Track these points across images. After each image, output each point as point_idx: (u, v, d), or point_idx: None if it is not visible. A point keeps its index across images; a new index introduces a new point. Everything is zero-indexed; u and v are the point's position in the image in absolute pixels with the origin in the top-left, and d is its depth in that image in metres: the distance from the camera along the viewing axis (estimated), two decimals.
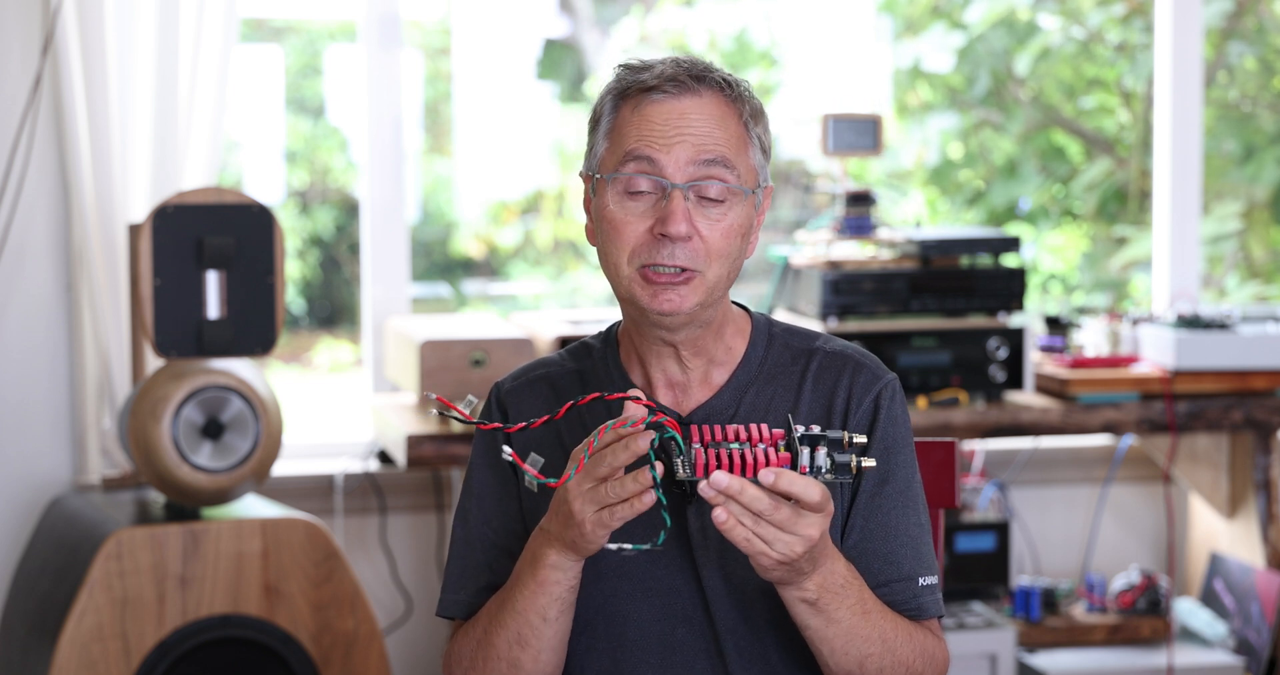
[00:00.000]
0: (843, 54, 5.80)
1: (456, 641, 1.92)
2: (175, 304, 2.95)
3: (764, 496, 1.67)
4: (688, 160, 1.83)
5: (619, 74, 1.88)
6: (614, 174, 1.85)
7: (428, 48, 6.83)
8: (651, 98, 1.84)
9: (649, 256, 1.83)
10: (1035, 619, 3.69)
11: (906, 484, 1.92)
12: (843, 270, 3.49)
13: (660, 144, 1.83)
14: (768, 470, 1.66)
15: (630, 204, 1.84)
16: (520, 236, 6.89)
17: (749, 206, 1.87)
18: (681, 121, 1.83)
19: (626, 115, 1.86)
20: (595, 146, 1.89)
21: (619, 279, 1.86)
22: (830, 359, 1.94)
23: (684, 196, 1.82)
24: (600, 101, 1.90)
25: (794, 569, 1.72)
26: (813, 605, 1.77)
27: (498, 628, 1.84)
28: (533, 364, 2.00)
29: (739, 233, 1.85)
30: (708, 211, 1.83)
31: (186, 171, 3.36)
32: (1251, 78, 5.63)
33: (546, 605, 1.81)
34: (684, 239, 1.82)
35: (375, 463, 3.62)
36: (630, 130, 1.85)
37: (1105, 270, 5.61)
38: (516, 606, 1.82)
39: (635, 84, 1.86)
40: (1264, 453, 3.71)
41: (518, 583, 1.82)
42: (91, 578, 2.86)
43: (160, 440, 2.91)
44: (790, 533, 1.68)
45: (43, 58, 3.30)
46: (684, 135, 1.83)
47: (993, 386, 3.51)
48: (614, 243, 1.85)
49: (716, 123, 1.84)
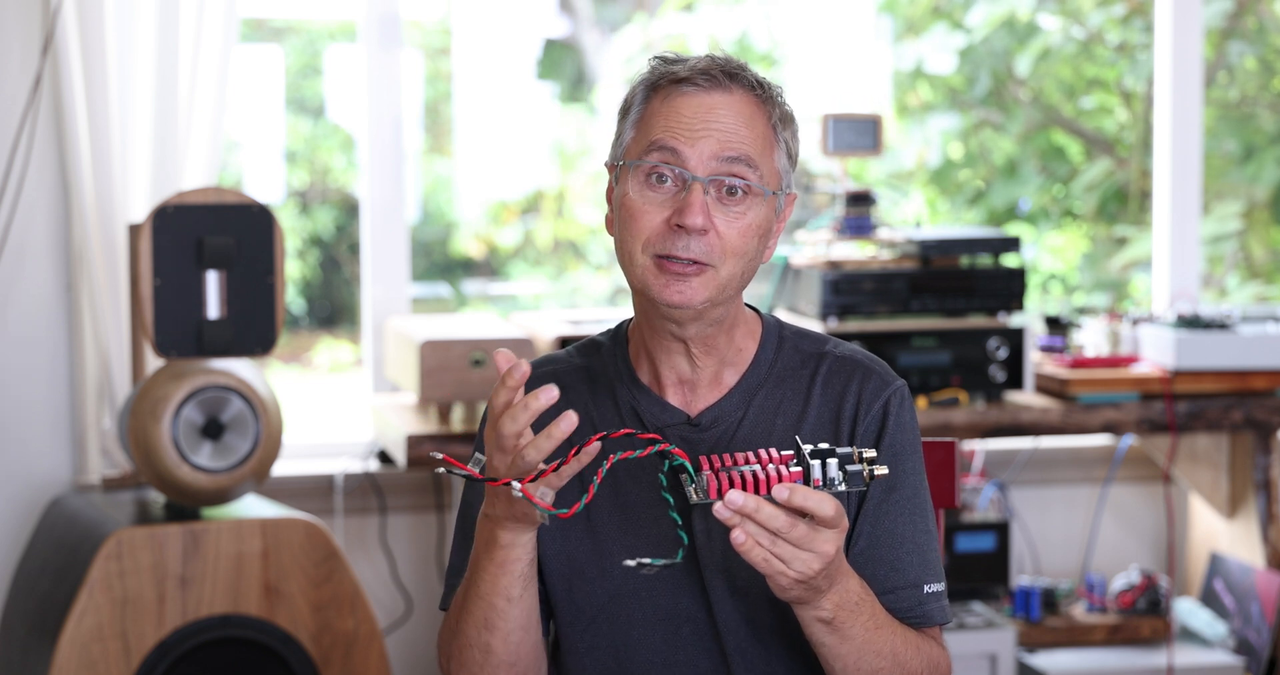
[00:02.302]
0: (843, 54, 5.80)
1: (439, 634, 1.93)
2: (175, 304, 2.95)
3: (780, 514, 1.66)
4: (711, 155, 1.82)
5: (653, 65, 1.89)
6: (637, 161, 1.84)
7: (428, 48, 6.84)
8: (682, 89, 1.84)
9: (664, 246, 1.82)
10: (1035, 619, 3.69)
11: (914, 491, 1.91)
12: (843, 270, 3.49)
13: (685, 136, 1.83)
14: (782, 486, 1.65)
15: (650, 193, 1.84)
16: (520, 236, 6.89)
17: (769, 208, 1.86)
18: (710, 116, 1.83)
19: (656, 105, 1.86)
20: (623, 135, 1.89)
21: (632, 267, 1.85)
22: (840, 363, 1.93)
23: (704, 190, 1.82)
24: (631, 91, 1.90)
25: (811, 587, 1.71)
26: (829, 624, 1.77)
27: (465, 616, 1.84)
28: (539, 360, 2.00)
29: (756, 233, 1.85)
30: (727, 208, 1.83)
31: (186, 171, 3.36)
32: (1251, 78, 5.63)
33: (509, 585, 1.81)
34: (700, 232, 1.81)
35: (375, 463, 3.62)
36: (658, 120, 1.85)
37: (1105, 270, 5.61)
38: (480, 591, 1.82)
39: (668, 75, 1.86)
40: (1264, 453, 3.71)
41: (477, 569, 1.82)
42: (91, 578, 2.86)
43: (160, 440, 2.91)
44: (807, 550, 1.67)
45: (43, 58, 3.30)
46: (710, 129, 1.83)
47: (993, 386, 3.51)
48: (630, 230, 1.84)
49: (744, 121, 1.84)
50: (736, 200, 1.83)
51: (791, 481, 1.67)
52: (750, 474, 1.68)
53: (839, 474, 1.69)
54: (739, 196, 1.83)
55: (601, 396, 1.94)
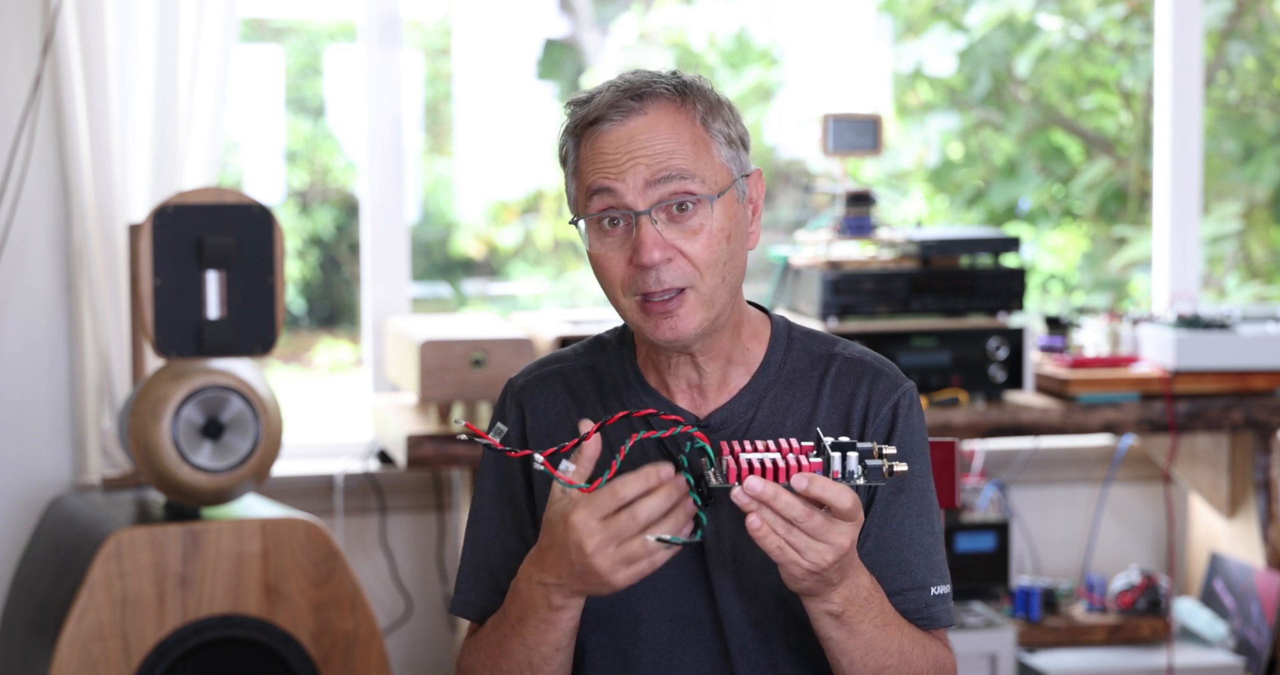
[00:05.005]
0: (843, 54, 5.79)
1: (465, 657, 1.93)
2: (175, 304, 2.95)
3: (798, 503, 1.67)
4: (645, 183, 1.81)
5: (569, 111, 1.88)
6: (585, 215, 1.85)
7: (428, 48, 6.83)
8: (600, 129, 1.83)
9: (638, 286, 1.83)
10: (1035, 619, 3.69)
11: (921, 493, 1.92)
12: (843, 270, 3.49)
13: (613, 173, 1.82)
14: (801, 475, 1.66)
15: (608, 239, 1.84)
16: (520, 236, 6.89)
17: (729, 206, 1.85)
18: (631, 145, 1.82)
19: (584, 151, 1.85)
20: (569, 188, 1.90)
21: (623, 312, 1.86)
22: (849, 365, 1.93)
23: (651, 221, 1.81)
24: (561, 143, 1.89)
25: (823, 579, 1.72)
26: (838, 618, 1.77)
27: (504, 656, 1.85)
28: (545, 359, 2.00)
29: (723, 236, 1.84)
30: (682, 225, 1.82)
31: (186, 171, 3.36)
32: (1251, 78, 5.63)
33: (557, 638, 1.82)
34: (664, 262, 1.81)
35: (375, 463, 3.62)
36: (587, 166, 1.84)
37: (1105, 270, 5.61)
38: (526, 640, 1.83)
39: (583, 118, 1.85)
40: (1264, 453, 3.71)
41: (523, 619, 1.82)
42: (91, 578, 2.86)
43: (160, 440, 2.91)
44: (822, 541, 1.68)
45: (43, 58, 3.30)
46: (634, 158, 1.82)
47: (993, 386, 3.51)
48: (605, 280, 1.85)
49: (667, 135, 1.83)
50: (688, 215, 1.82)
51: (811, 472, 1.68)
52: (770, 462, 1.68)
53: (859, 468, 1.70)
54: (689, 210, 1.82)
55: (609, 398, 1.94)
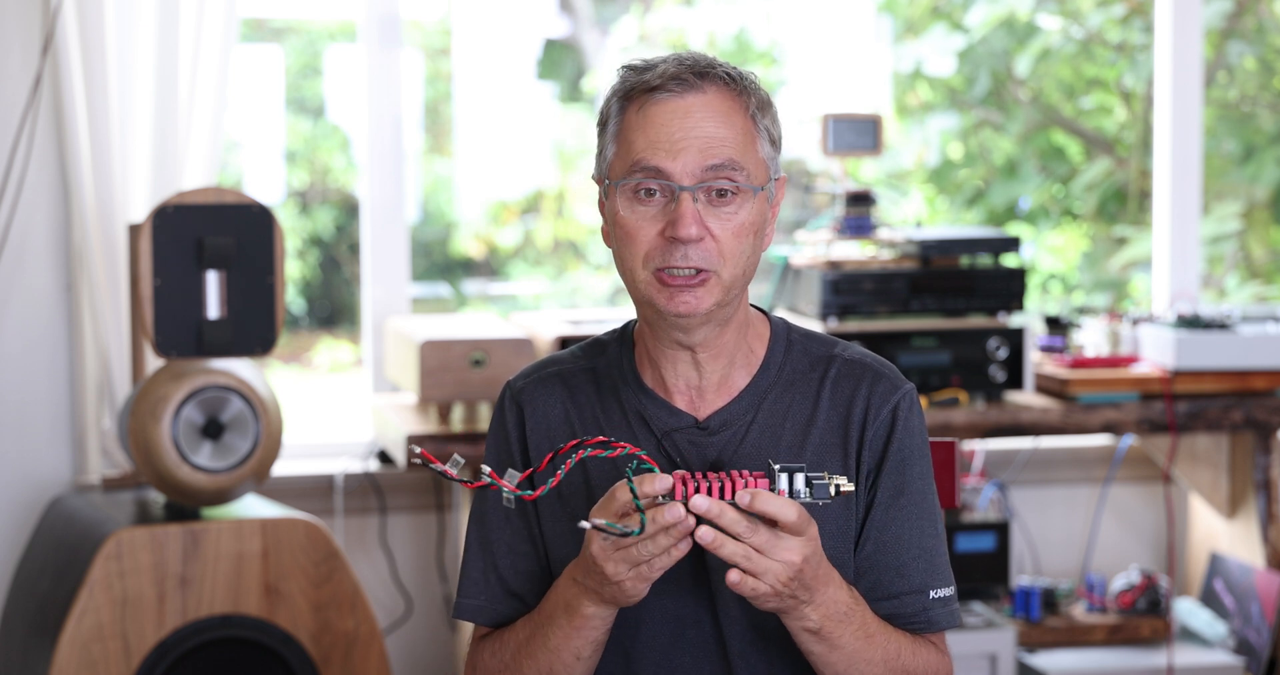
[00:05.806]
0: (843, 54, 5.79)
1: (482, 656, 1.92)
2: (175, 304, 2.95)
3: (742, 519, 1.68)
4: (696, 165, 1.81)
5: (623, 75, 1.87)
6: (623, 180, 1.84)
7: (428, 48, 6.83)
8: (656, 98, 1.83)
9: (663, 260, 1.82)
10: (1035, 619, 3.69)
11: (922, 496, 1.91)
12: (843, 270, 3.49)
13: (666, 152, 1.81)
14: (744, 491, 1.68)
15: (641, 208, 1.83)
16: (520, 236, 6.88)
17: (760, 202, 1.85)
18: (687, 122, 1.82)
19: (632, 117, 1.84)
20: (604, 150, 1.88)
21: (635, 283, 1.85)
22: (849, 367, 1.93)
23: (693, 198, 1.81)
24: (606, 104, 1.88)
25: (789, 598, 1.73)
26: (816, 634, 1.78)
27: (527, 658, 1.85)
28: (544, 361, 1.99)
29: (751, 230, 1.84)
30: (718, 210, 1.82)
31: (186, 171, 3.36)
32: (1251, 78, 5.63)
33: (581, 646, 1.82)
34: (695, 241, 1.81)
35: (375, 463, 3.62)
36: (637, 136, 1.83)
37: (1105, 270, 5.61)
38: (550, 644, 1.83)
39: (639, 84, 1.84)
40: (1264, 453, 3.71)
41: (551, 621, 1.82)
42: (91, 578, 2.86)
43: (160, 440, 2.91)
44: (774, 559, 1.69)
45: (43, 58, 3.30)
46: (690, 138, 1.81)
47: (993, 386, 3.51)
48: (628, 247, 1.84)
49: (723, 120, 1.83)
50: (727, 201, 1.83)
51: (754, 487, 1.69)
52: (716, 479, 1.70)
53: (805, 489, 1.71)
54: (729, 197, 1.83)
55: (608, 400, 1.93)
